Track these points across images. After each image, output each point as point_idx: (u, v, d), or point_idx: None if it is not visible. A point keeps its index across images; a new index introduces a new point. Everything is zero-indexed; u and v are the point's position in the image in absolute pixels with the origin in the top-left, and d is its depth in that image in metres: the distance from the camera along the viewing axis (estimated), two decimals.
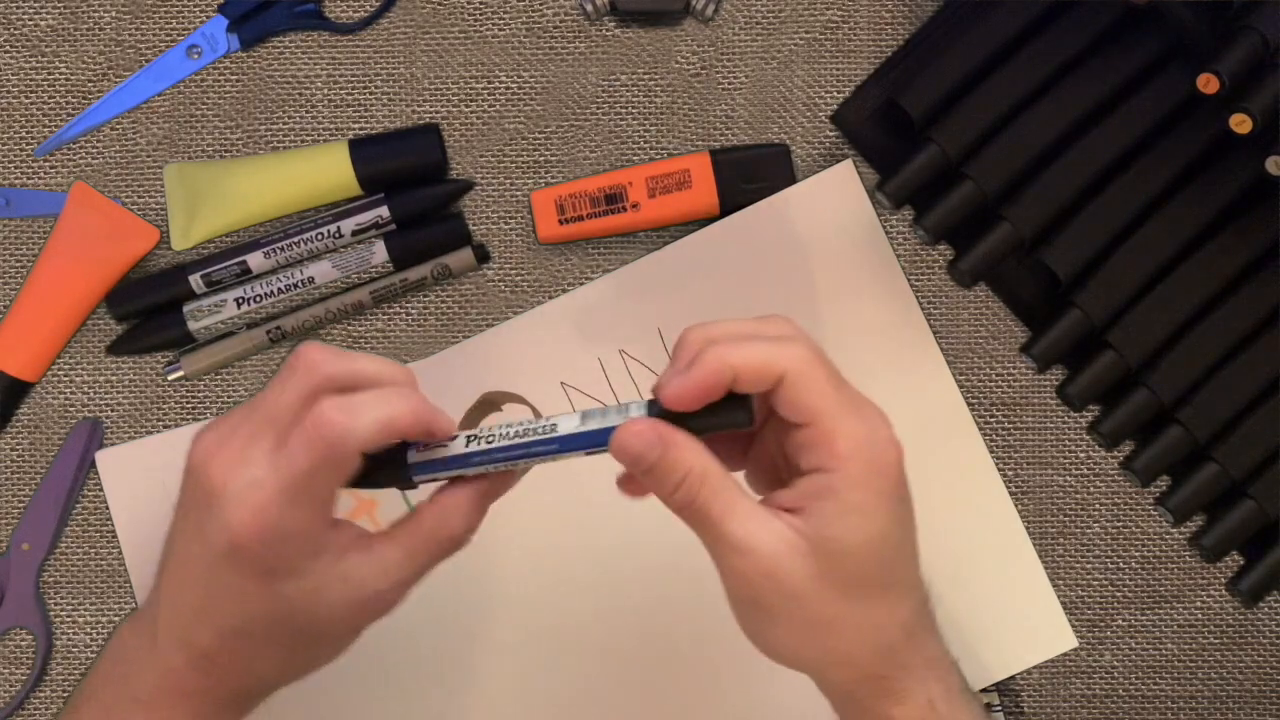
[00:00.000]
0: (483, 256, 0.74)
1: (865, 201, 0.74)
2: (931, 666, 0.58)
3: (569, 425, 0.55)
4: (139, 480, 0.74)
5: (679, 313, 0.74)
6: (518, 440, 0.56)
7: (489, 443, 0.56)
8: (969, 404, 0.75)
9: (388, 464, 0.57)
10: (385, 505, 0.74)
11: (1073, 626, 0.74)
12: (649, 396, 0.55)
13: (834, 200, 0.74)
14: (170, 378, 0.74)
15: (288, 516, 0.55)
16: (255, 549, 0.55)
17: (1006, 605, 0.74)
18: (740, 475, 0.58)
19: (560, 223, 0.74)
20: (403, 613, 0.67)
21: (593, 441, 0.55)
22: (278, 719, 0.66)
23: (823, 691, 0.59)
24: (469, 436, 0.56)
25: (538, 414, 0.74)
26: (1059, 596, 0.74)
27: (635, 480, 0.56)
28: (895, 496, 0.55)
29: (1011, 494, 0.75)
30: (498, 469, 0.57)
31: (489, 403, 0.74)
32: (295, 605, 0.57)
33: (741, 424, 0.54)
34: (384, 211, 0.74)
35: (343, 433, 0.55)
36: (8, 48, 0.75)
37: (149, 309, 0.74)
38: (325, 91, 0.75)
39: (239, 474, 0.56)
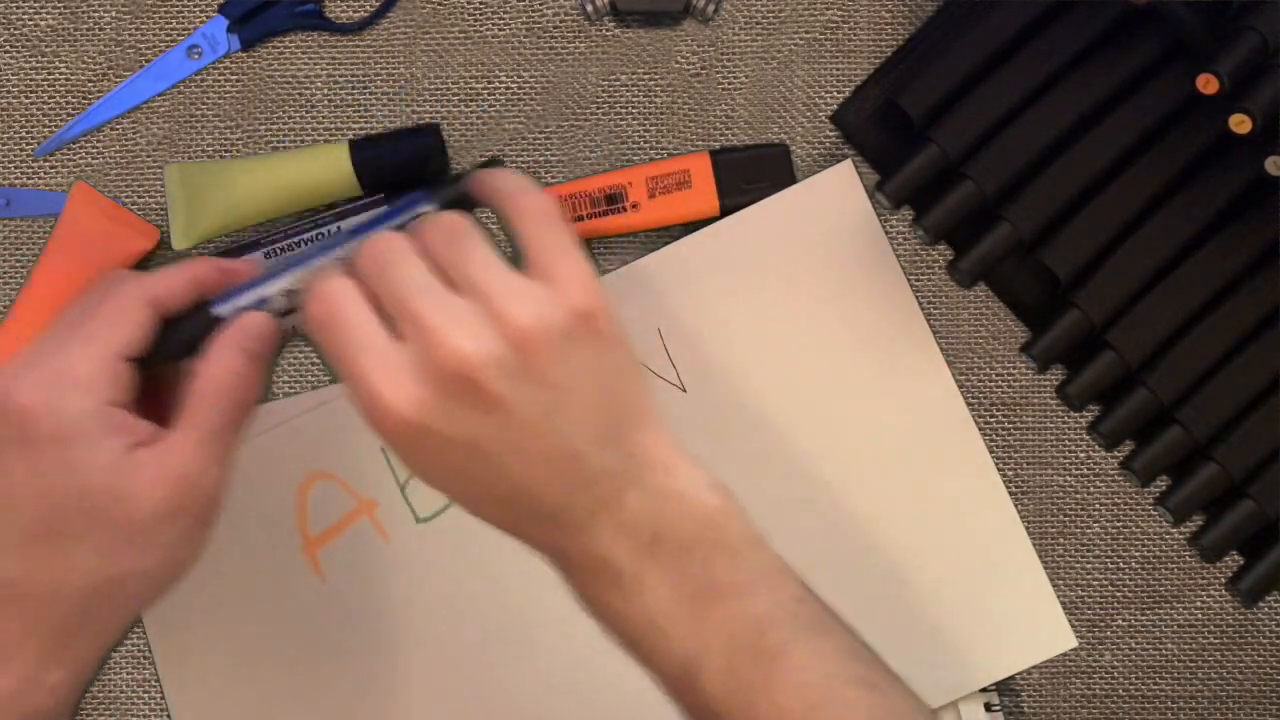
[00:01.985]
0: None
1: (865, 202, 0.74)
2: (562, 557, 0.56)
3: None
4: None
5: (679, 313, 0.74)
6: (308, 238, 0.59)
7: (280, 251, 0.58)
8: (969, 404, 0.75)
9: (186, 316, 0.57)
10: (385, 505, 0.74)
11: (1073, 626, 0.74)
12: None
13: (834, 200, 0.74)
14: None
15: (69, 369, 0.54)
16: (40, 411, 0.54)
17: (1006, 605, 0.74)
18: None
19: None
20: (392, 610, 0.67)
21: (382, 219, 0.58)
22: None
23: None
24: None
25: None
26: (1059, 596, 0.74)
27: None
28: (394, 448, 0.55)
29: (1011, 494, 0.75)
30: (301, 285, 0.56)
31: None
32: (90, 479, 0.54)
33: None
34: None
35: (129, 286, 0.56)
36: (8, 48, 0.75)
37: None
38: (325, 91, 0.75)
39: (26, 370, 0.55)
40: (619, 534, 0.54)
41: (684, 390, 0.74)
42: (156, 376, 0.57)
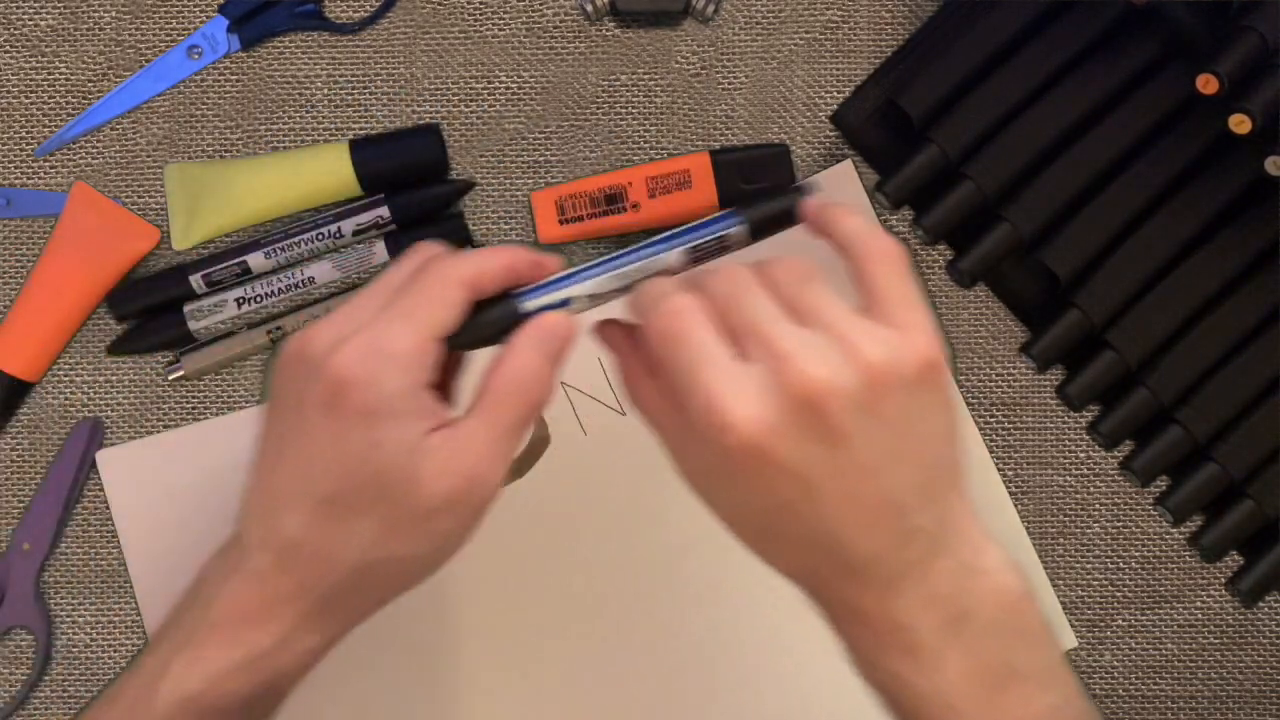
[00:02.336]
0: None
1: (865, 201, 0.74)
2: (853, 614, 0.54)
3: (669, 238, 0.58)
4: (139, 480, 0.74)
5: None
6: (628, 252, 0.57)
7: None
8: (969, 404, 0.75)
9: (492, 303, 0.57)
10: None
11: (1073, 626, 0.75)
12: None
13: (834, 200, 0.74)
14: (170, 378, 0.74)
15: (389, 344, 0.53)
16: (356, 381, 0.53)
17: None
18: None
19: (560, 223, 0.74)
20: (403, 604, 0.67)
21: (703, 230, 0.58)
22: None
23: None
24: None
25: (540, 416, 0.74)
26: (1059, 596, 0.75)
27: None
28: (734, 474, 0.53)
29: (1011, 494, 0.75)
30: (605, 289, 0.57)
31: None
32: (390, 458, 0.54)
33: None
34: (384, 212, 0.74)
35: (452, 265, 0.55)
36: (8, 48, 0.75)
37: (149, 309, 0.74)
38: (325, 91, 0.75)
39: (344, 328, 0.54)
40: (927, 604, 0.52)
41: None
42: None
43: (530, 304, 0.57)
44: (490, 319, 0.57)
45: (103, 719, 0.57)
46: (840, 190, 0.74)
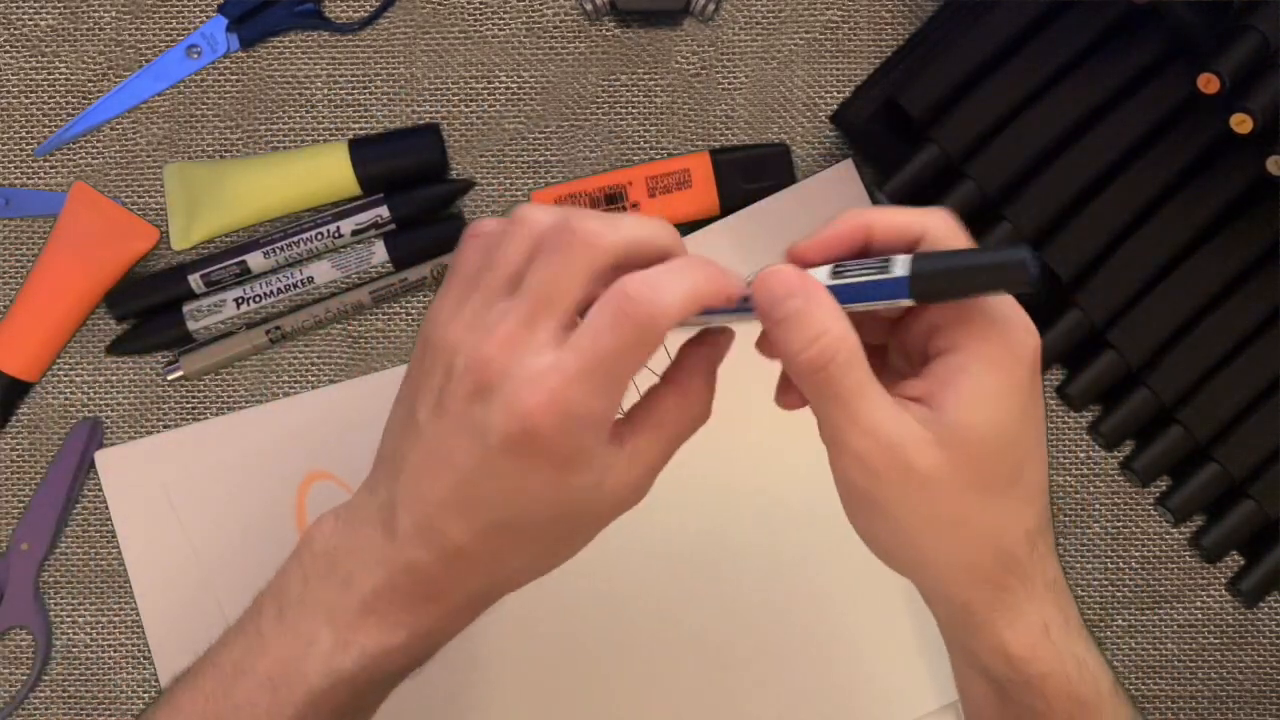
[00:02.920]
0: None
1: (865, 201, 0.74)
2: (1051, 589, 0.54)
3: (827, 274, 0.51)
4: (139, 480, 0.74)
5: None
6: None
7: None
8: None
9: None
10: None
11: None
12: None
13: (834, 200, 0.74)
14: (170, 378, 0.74)
15: (589, 402, 0.50)
16: (552, 437, 0.50)
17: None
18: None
19: None
20: None
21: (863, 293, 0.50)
22: None
23: (931, 603, 0.56)
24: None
25: None
26: None
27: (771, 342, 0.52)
28: (1029, 388, 0.51)
29: None
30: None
31: None
32: (578, 498, 0.52)
33: (1021, 283, 0.47)
34: (384, 211, 0.74)
35: (653, 311, 0.50)
36: (8, 48, 0.75)
37: (149, 309, 0.74)
38: (325, 91, 0.75)
39: (527, 357, 0.50)
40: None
41: None
42: None
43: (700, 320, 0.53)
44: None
45: (235, 689, 0.55)
46: (841, 189, 0.74)
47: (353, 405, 0.74)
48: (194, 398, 0.75)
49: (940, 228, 0.51)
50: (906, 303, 0.49)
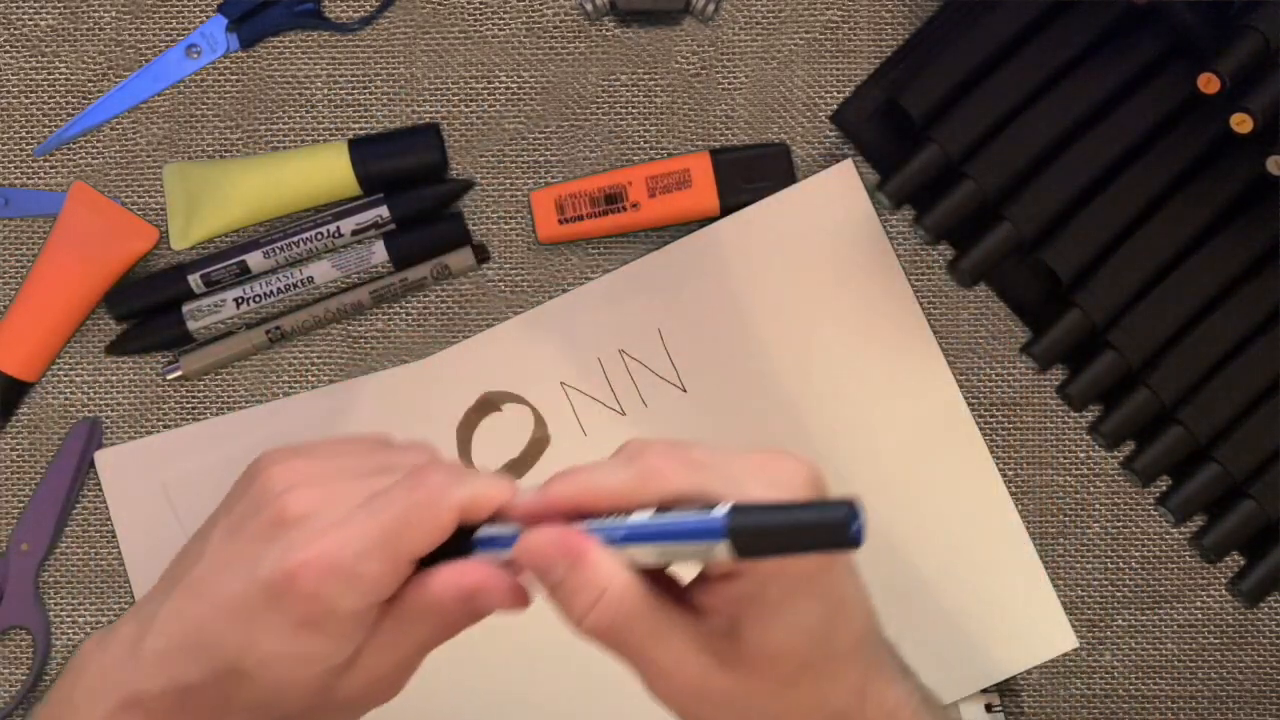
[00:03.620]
0: (483, 256, 0.74)
1: (866, 201, 0.74)
2: (890, 717, 0.55)
3: (635, 519, 0.48)
4: (138, 480, 0.74)
5: (679, 313, 0.74)
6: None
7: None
8: (969, 404, 0.75)
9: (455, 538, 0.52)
10: None
11: (1073, 626, 0.74)
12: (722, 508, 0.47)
13: (834, 200, 0.74)
14: (169, 377, 0.74)
15: (356, 565, 0.50)
16: (307, 590, 0.50)
17: (1007, 605, 0.74)
18: None
19: (560, 223, 0.74)
20: None
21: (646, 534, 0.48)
22: None
23: None
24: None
25: (538, 415, 0.74)
26: (1059, 596, 0.74)
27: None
28: (821, 585, 0.50)
29: (1011, 494, 0.75)
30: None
31: (488, 403, 0.74)
32: (314, 672, 0.52)
33: (842, 542, 0.45)
34: (384, 211, 0.74)
35: (436, 498, 0.51)
36: (8, 48, 0.75)
37: (148, 309, 0.74)
38: (325, 91, 0.75)
39: (322, 508, 0.52)
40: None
41: (684, 390, 0.74)
42: None
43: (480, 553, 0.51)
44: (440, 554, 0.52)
45: None
46: (841, 189, 0.74)
47: (352, 405, 0.74)
48: (194, 398, 0.75)
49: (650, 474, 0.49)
50: (721, 553, 0.46)
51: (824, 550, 0.46)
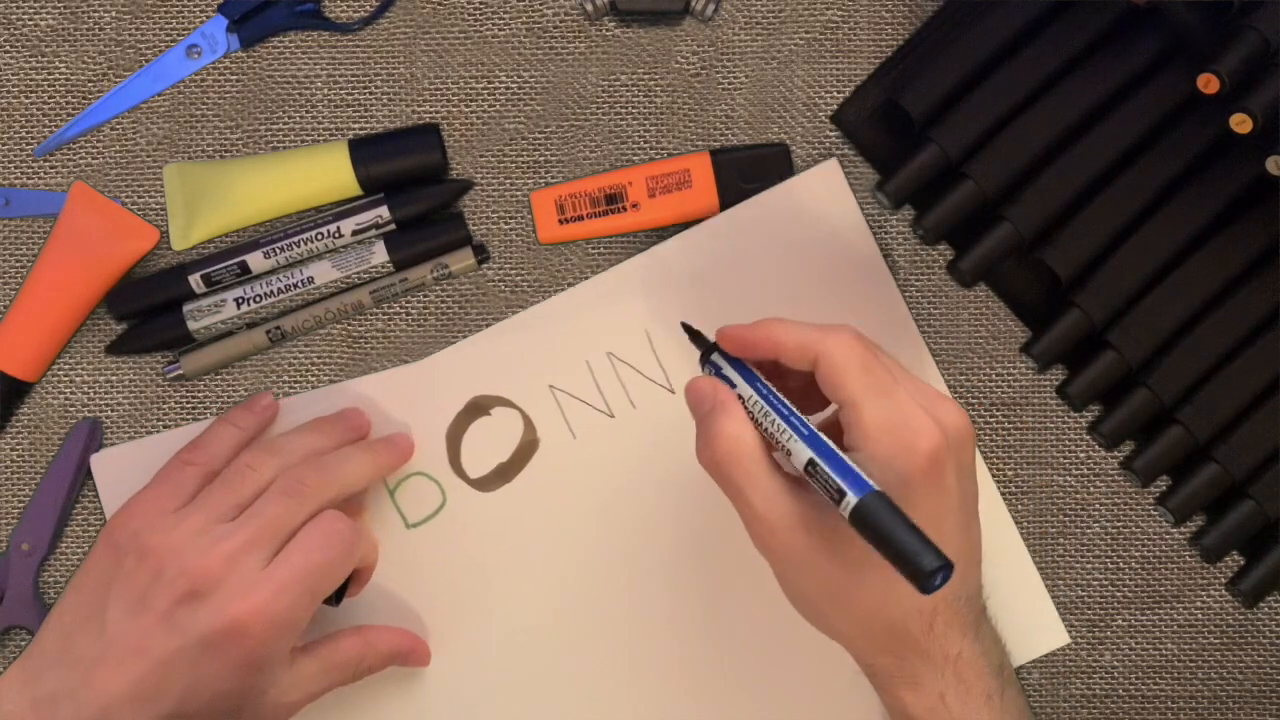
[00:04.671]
0: (483, 257, 0.74)
1: (851, 199, 0.74)
2: (953, 664, 0.60)
3: (808, 433, 0.59)
4: (138, 480, 0.73)
5: (665, 315, 0.74)
6: None
7: None
8: (969, 403, 0.75)
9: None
10: (375, 512, 0.74)
11: (1073, 626, 0.75)
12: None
13: (820, 198, 0.74)
14: (169, 377, 0.74)
15: (291, 611, 0.62)
16: (256, 639, 0.61)
17: (999, 602, 0.73)
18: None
19: (560, 223, 0.74)
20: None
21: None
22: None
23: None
24: None
25: (527, 418, 0.74)
26: (1059, 596, 0.75)
27: None
28: (921, 481, 0.57)
29: (1012, 494, 0.75)
30: None
31: (478, 407, 0.74)
32: (249, 703, 0.62)
33: (919, 586, 0.54)
34: (384, 212, 0.74)
35: (354, 537, 0.65)
36: (8, 48, 0.75)
37: (149, 309, 0.74)
38: (325, 91, 0.75)
39: (242, 571, 0.62)
40: (989, 651, 0.63)
41: (673, 392, 0.74)
42: None
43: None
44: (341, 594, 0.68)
45: None
46: (827, 188, 0.74)
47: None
48: (194, 398, 0.75)
49: (833, 352, 0.59)
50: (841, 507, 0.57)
51: (902, 573, 0.54)
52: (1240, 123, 0.65)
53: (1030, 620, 0.74)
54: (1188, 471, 0.73)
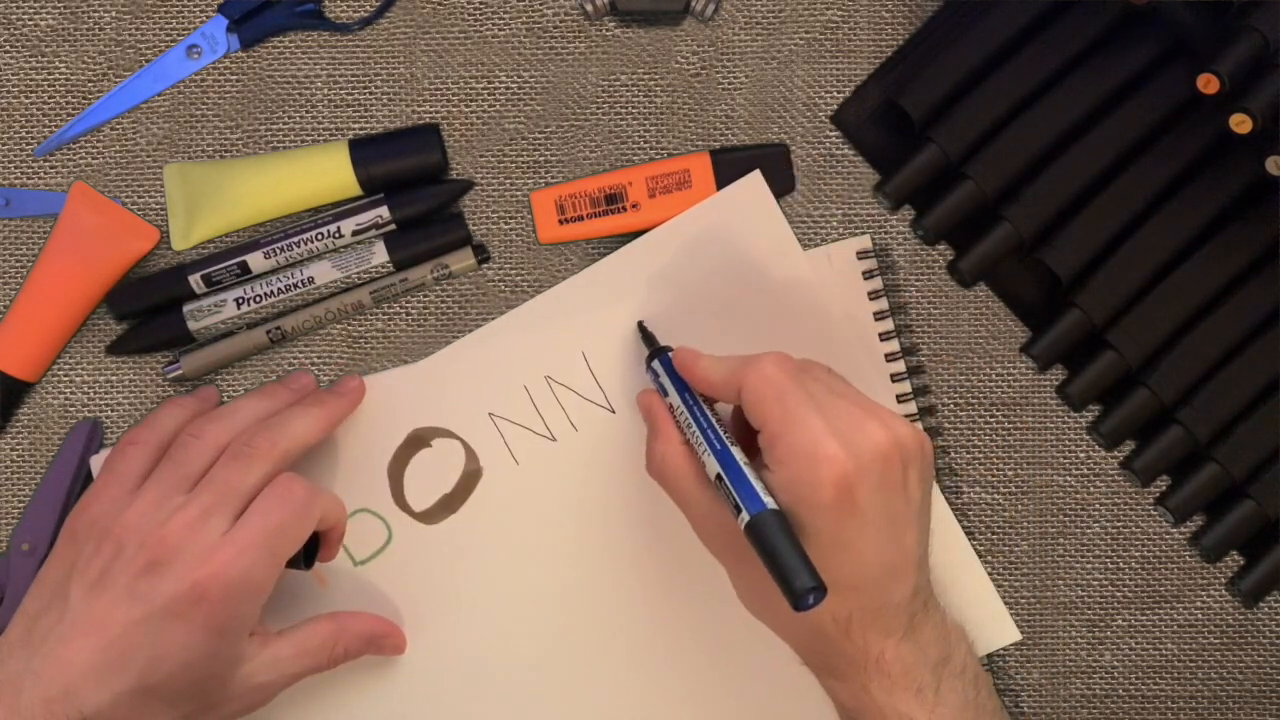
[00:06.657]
0: (483, 257, 0.74)
1: (776, 211, 0.73)
2: (875, 660, 0.62)
3: (724, 450, 0.64)
4: None
5: (601, 334, 0.74)
6: None
7: None
8: (969, 403, 0.75)
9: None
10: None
11: (1073, 626, 0.75)
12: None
13: (745, 212, 0.73)
14: (170, 377, 0.74)
15: (254, 571, 0.62)
16: (218, 601, 0.61)
17: (947, 601, 0.72)
18: None
19: (560, 223, 0.74)
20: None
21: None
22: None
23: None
24: None
25: (468, 448, 0.74)
26: (1059, 596, 0.75)
27: None
28: (827, 505, 0.60)
29: (1012, 494, 0.75)
30: None
31: (418, 439, 0.74)
32: (218, 671, 0.62)
33: (792, 604, 0.59)
34: (384, 212, 0.74)
35: (309, 496, 0.65)
36: (8, 48, 0.75)
37: (149, 309, 0.74)
38: (325, 91, 0.75)
39: (201, 537, 0.62)
40: (927, 647, 0.64)
41: (613, 411, 0.74)
42: None
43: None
44: (308, 553, 0.68)
45: None
46: (751, 201, 0.73)
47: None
48: None
49: (755, 387, 0.62)
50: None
51: (780, 589, 0.58)
52: (1240, 123, 0.65)
53: (979, 617, 0.73)
54: (1187, 471, 0.73)
